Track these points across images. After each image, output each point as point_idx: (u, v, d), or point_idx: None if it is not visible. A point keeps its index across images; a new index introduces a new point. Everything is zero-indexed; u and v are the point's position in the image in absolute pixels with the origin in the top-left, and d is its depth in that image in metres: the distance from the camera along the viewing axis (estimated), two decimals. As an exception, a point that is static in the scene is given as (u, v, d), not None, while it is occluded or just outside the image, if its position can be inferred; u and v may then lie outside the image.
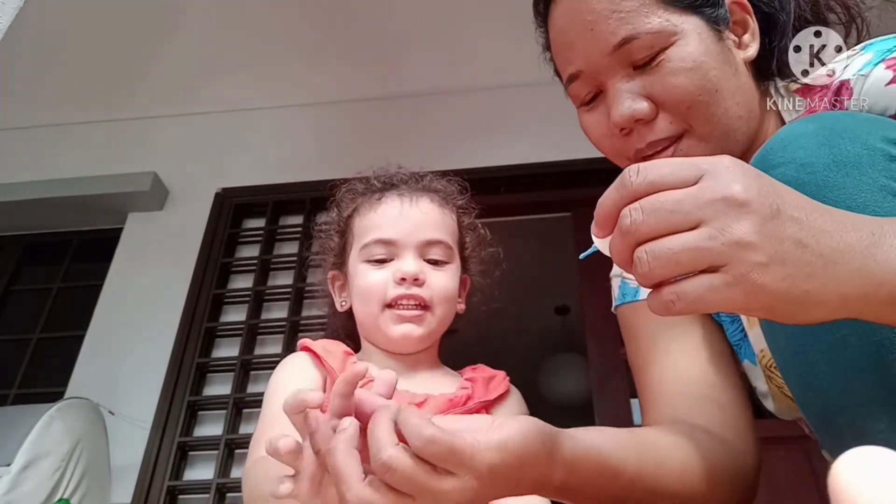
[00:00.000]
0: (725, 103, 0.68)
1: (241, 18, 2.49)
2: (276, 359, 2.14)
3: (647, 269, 0.42)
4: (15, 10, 1.02)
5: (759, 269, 0.41)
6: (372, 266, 0.89)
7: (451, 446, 0.43)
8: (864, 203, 0.49)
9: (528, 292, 3.09)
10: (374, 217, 0.91)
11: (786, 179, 0.52)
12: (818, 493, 1.63)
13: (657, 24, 0.67)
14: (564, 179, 2.40)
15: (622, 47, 0.67)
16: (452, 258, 0.92)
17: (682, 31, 0.68)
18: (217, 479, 1.94)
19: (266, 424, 0.79)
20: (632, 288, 0.86)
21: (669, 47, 0.67)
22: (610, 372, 2.12)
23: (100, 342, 2.28)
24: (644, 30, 0.67)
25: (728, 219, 0.41)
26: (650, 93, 0.68)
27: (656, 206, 0.43)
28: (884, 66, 0.64)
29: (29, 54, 2.46)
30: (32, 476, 1.58)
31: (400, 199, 0.91)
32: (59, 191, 2.54)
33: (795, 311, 0.42)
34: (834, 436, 0.51)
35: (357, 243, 0.92)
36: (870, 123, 0.54)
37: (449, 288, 0.90)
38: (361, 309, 0.89)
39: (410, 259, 0.88)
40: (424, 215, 0.90)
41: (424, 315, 0.87)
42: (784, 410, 0.77)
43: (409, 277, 0.86)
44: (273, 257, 2.41)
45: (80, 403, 1.83)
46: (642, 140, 0.69)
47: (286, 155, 2.61)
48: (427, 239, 0.89)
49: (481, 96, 2.65)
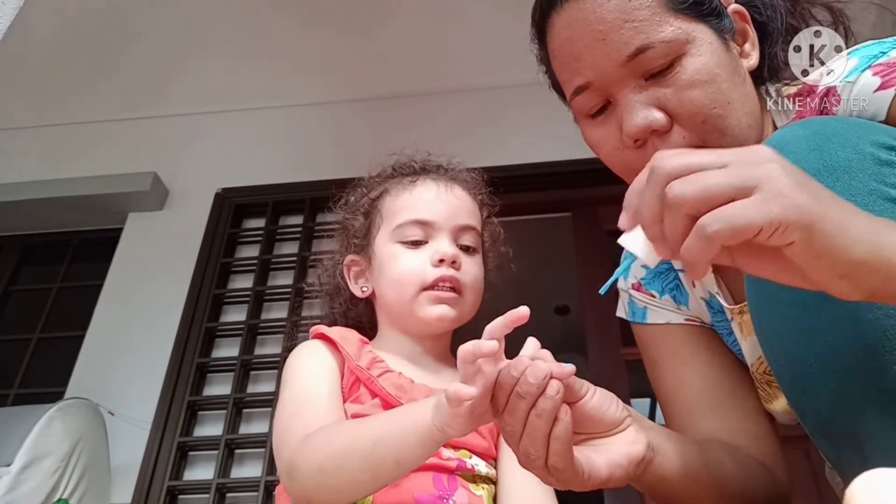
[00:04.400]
0: (737, 114, 0.68)
1: (243, 19, 2.49)
2: (277, 359, 2.14)
3: (712, 230, 0.42)
4: (15, 10, 1.02)
5: (795, 189, 0.42)
6: (406, 248, 0.87)
7: None
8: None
9: (528, 292, 3.08)
10: (410, 198, 0.90)
11: None
12: (818, 493, 1.63)
13: (671, 33, 0.66)
14: (564, 179, 2.41)
15: (636, 57, 0.66)
16: (480, 246, 0.93)
17: (695, 40, 0.67)
18: (217, 479, 1.94)
19: (299, 403, 0.76)
20: (640, 308, 0.88)
21: (683, 56, 0.66)
22: (610, 372, 2.12)
23: (100, 342, 2.28)
24: (658, 38, 0.65)
25: (771, 172, 0.43)
26: (664, 104, 0.67)
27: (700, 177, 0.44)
28: (871, 72, 0.64)
29: (29, 54, 2.47)
30: (32, 476, 1.58)
31: (436, 183, 0.91)
32: (59, 191, 2.54)
33: (834, 229, 0.42)
34: (829, 439, 0.51)
35: (388, 224, 0.90)
36: (860, 128, 0.54)
37: (479, 276, 0.90)
38: (393, 292, 0.87)
39: (446, 242, 0.87)
40: (460, 201, 0.90)
41: (458, 299, 0.86)
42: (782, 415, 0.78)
43: (448, 259, 0.85)
44: (273, 257, 2.40)
45: (79, 404, 1.83)
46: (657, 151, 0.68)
47: (286, 155, 2.61)
48: (463, 224, 0.89)
49: (481, 96, 2.65)
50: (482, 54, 2.57)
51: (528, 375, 0.53)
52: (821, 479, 0.99)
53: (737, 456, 0.74)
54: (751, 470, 0.74)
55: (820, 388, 0.50)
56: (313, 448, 0.68)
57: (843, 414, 0.49)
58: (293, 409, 0.76)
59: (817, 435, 0.53)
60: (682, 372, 0.82)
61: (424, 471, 0.76)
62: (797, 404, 0.54)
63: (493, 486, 0.82)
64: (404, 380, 0.81)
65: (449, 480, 0.77)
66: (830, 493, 0.83)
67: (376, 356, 0.84)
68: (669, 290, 0.87)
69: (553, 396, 0.52)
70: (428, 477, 0.76)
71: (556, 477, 0.54)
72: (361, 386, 0.81)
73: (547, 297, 3.72)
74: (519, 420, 0.53)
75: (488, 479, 0.81)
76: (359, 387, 0.81)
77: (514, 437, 0.55)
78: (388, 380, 0.81)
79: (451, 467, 0.78)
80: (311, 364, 0.82)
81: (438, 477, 0.76)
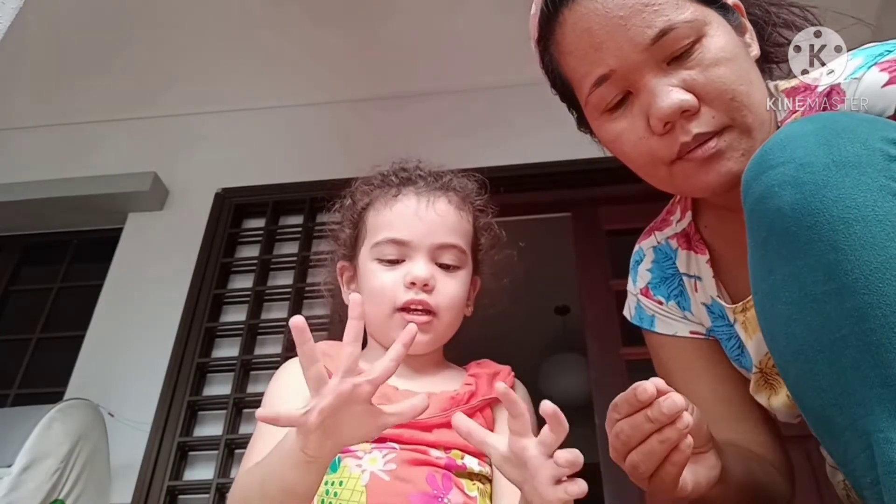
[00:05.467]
0: (759, 94, 0.70)
1: (243, 18, 2.49)
2: (277, 359, 2.14)
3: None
4: (15, 10, 1.02)
5: None
6: (382, 266, 0.87)
7: None
8: (864, 203, 0.49)
9: (528, 292, 3.08)
10: (389, 214, 0.89)
11: (784, 179, 0.52)
12: (818, 493, 1.63)
13: (690, 14, 0.67)
14: (564, 179, 2.40)
15: (660, 40, 0.67)
16: (465, 263, 0.91)
17: (711, 22, 0.69)
18: (217, 479, 1.94)
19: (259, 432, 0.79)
20: (648, 315, 0.91)
21: (704, 38, 0.67)
22: (610, 372, 2.12)
23: (100, 342, 2.28)
24: (680, 20, 0.67)
25: None
26: (691, 85, 0.67)
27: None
28: (877, 68, 0.64)
29: (30, 54, 2.47)
30: (33, 477, 1.58)
31: (417, 198, 0.89)
32: (59, 191, 2.54)
33: None
34: (833, 435, 0.51)
35: (369, 239, 0.90)
36: (869, 124, 0.54)
37: (457, 296, 0.88)
38: (370, 308, 0.87)
39: (422, 263, 0.86)
40: (440, 217, 0.88)
41: (431, 321, 0.85)
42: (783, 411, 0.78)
43: (418, 282, 0.84)
44: (273, 257, 2.40)
45: (80, 404, 1.83)
46: (687, 133, 0.68)
47: (286, 155, 2.61)
48: (440, 243, 0.87)
49: (481, 96, 2.65)
50: (482, 54, 2.57)
51: (662, 406, 0.57)
52: (821, 479, 0.99)
53: (762, 464, 0.78)
54: (773, 477, 0.78)
55: (825, 384, 0.50)
56: (232, 491, 0.72)
57: (849, 410, 0.48)
58: (255, 435, 0.79)
59: (821, 431, 0.53)
60: (697, 385, 0.85)
61: (416, 465, 0.76)
62: (801, 399, 0.54)
63: (488, 484, 0.82)
64: (388, 388, 0.81)
65: (443, 480, 0.77)
66: (831, 493, 0.83)
67: (360, 367, 0.85)
68: (675, 296, 0.89)
69: (681, 429, 0.57)
70: (421, 475, 0.76)
71: (651, 486, 0.61)
72: None
73: (547, 297, 3.72)
74: (637, 438, 0.59)
75: (483, 476, 0.81)
76: None
77: (625, 446, 0.60)
78: None
79: (442, 465, 0.78)
80: (283, 389, 0.84)
81: (432, 476, 0.76)
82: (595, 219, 2.38)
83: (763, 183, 0.54)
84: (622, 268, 0.99)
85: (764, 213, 0.54)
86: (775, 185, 0.52)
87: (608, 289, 2.20)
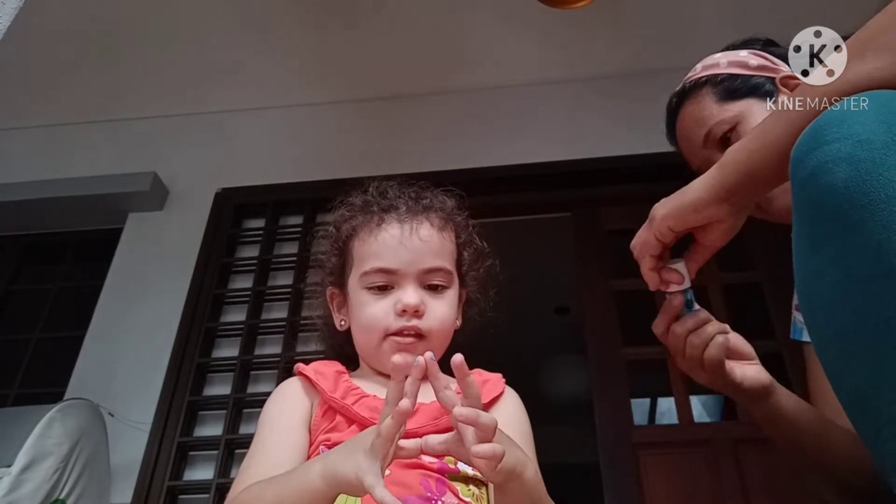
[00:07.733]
0: None
1: (242, 18, 2.50)
2: (277, 359, 2.15)
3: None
4: (15, 10, 1.02)
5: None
6: (372, 294, 0.89)
7: None
8: None
9: (528, 292, 3.09)
10: (375, 244, 0.90)
11: (840, 155, 0.51)
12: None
13: (731, 115, 0.98)
14: (564, 179, 2.40)
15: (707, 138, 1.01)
16: (451, 281, 0.92)
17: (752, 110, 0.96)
18: (217, 479, 1.94)
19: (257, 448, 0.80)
20: (798, 328, 1.02)
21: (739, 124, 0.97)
22: (610, 372, 2.12)
23: (100, 342, 2.28)
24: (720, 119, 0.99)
25: None
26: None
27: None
28: None
29: (30, 54, 2.47)
30: (33, 477, 1.58)
31: (400, 226, 0.90)
32: (59, 191, 2.54)
33: None
34: (868, 418, 0.51)
35: (357, 268, 0.91)
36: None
37: (447, 316, 0.90)
38: (362, 336, 0.90)
39: (411, 290, 0.87)
40: (425, 243, 0.90)
41: (424, 344, 0.87)
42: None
43: (409, 310, 0.86)
44: (273, 257, 2.41)
45: (80, 404, 1.82)
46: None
47: (286, 155, 2.61)
48: (427, 268, 0.89)
49: (481, 96, 2.65)
50: (482, 55, 2.57)
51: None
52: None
53: (853, 440, 0.81)
54: (859, 452, 0.79)
55: (864, 366, 0.50)
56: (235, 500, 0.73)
57: (885, 393, 0.48)
58: (253, 451, 0.80)
59: (854, 412, 0.53)
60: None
61: (410, 468, 0.76)
62: (837, 379, 0.54)
63: (485, 488, 0.82)
64: (379, 402, 0.82)
65: (437, 484, 0.77)
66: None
67: (352, 384, 0.86)
68: None
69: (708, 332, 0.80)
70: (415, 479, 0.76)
71: (705, 374, 0.80)
72: (337, 415, 0.83)
73: (547, 297, 3.72)
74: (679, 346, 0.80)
75: (478, 480, 0.81)
76: (335, 416, 0.83)
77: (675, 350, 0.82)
78: (363, 404, 0.82)
79: (434, 468, 0.78)
80: (282, 408, 0.85)
81: (426, 480, 0.77)
82: (595, 219, 2.38)
83: (816, 158, 0.53)
84: (622, 268, 1.00)
85: (815, 189, 0.53)
86: (829, 161, 0.51)
87: (608, 289, 2.20)
